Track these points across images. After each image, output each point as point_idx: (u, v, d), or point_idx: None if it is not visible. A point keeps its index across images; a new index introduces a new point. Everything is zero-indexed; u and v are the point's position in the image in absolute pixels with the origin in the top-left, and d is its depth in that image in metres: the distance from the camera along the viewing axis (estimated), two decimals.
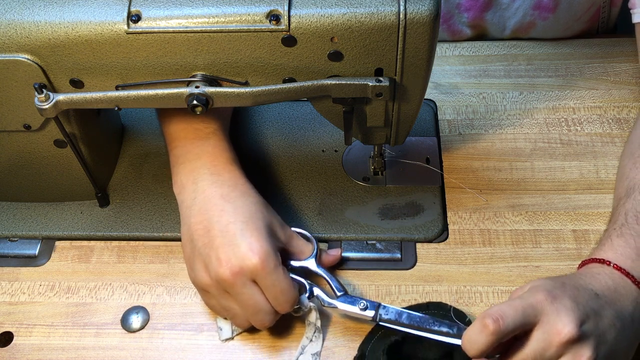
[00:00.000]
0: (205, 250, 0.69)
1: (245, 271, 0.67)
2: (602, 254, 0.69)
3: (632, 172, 0.77)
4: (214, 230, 0.70)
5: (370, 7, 0.63)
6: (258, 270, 0.67)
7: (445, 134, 0.92)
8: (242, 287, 0.68)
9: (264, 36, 0.65)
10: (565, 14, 0.99)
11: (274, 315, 0.70)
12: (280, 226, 0.74)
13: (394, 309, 0.71)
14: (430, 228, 0.82)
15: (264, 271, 0.67)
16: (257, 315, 0.70)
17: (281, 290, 0.68)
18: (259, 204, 0.73)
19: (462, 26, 1.03)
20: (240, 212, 0.70)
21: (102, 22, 0.65)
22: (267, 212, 0.73)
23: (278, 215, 0.75)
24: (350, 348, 0.72)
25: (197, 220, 0.71)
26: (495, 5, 1.00)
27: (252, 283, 0.68)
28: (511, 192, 0.85)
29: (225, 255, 0.68)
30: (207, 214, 0.71)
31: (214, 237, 0.69)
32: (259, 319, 0.70)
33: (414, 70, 0.67)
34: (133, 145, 0.92)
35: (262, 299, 0.69)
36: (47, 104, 0.68)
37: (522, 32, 1.03)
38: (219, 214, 0.70)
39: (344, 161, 0.89)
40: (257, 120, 0.94)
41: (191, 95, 0.67)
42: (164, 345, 0.74)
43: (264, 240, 0.68)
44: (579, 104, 0.94)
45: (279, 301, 0.69)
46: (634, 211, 0.72)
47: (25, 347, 0.74)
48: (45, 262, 0.81)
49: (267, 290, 0.68)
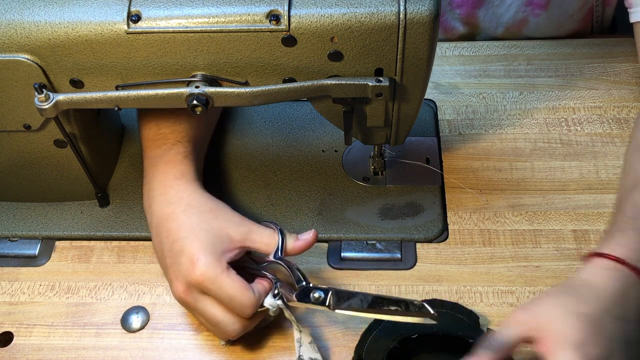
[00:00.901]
0: (165, 271, 0.72)
1: (191, 285, 0.67)
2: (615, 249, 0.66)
3: (639, 164, 0.76)
4: (164, 251, 0.71)
5: (370, 7, 0.63)
6: (200, 281, 0.66)
7: (445, 134, 0.92)
8: (195, 302, 0.68)
9: (264, 36, 0.65)
10: (557, 11, 0.99)
11: (239, 323, 0.68)
12: (234, 226, 0.71)
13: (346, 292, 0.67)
14: (430, 228, 0.82)
15: (207, 281, 0.66)
16: (217, 327, 0.69)
17: (230, 296, 0.66)
18: (205, 212, 0.71)
19: (454, 22, 1.03)
20: (182, 228, 0.70)
21: (102, 22, 0.65)
22: (214, 217, 0.71)
23: (236, 213, 0.72)
24: (350, 348, 0.72)
25: (155, 242, 0.74)
26: (487, 2, 1.00)
27: (204, 296, 0.68)
28: (511, 192, 0.85)
29: (174, 274, 0.69)
30: (158, 236, 0.72)
31: (165, 258, 0.71)
32: (221, 330, 0.69)
33: (414, 70, 0.67)
34: (133, 145, 0.92)
35: (218, 311, 0.68)
36: (47, 104, 0.68)
37: (514, 30, 1.03)
38: (166, 234, 0.71)
39: (344, 161, 0.89)
40: (257, 120, 0.94)
41: (191, 95, 0.67)
42: (164, 345, 0.74)
43: (203, 250, 0.67)
44: (579, 104, 0.94)
45: (234, 306, 0.67)
46: None
47: (25, 347, 0.74)
48: (45, 262, 0.81)
49: (219, 299, 0.67)
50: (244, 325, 0.69)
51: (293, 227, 0.82)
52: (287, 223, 0.82)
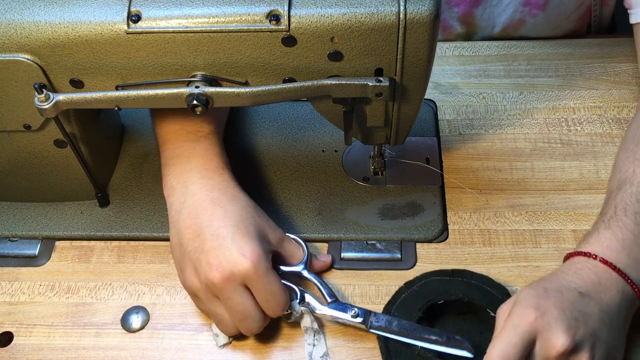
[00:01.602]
0: (195, 255, 0.69)
1: (236, 276, 0.67)
2: (588, 247, 0.69)
3: (624, 165, 0.77)
4: (204, 234, 0.69)
5: (370, 7, 0.63)
6: (250, 274, 0.67)
7: (445, 134, 0.92)
8: (232, 291, 0.67)
9: (264, 36, 0.65)
10: (554, 11, 0.99)
11: (263, 321, 0.70)
12: (271, 229, 0.73)
13: (384, 316, 0.71)
14: (430, 228, 0.82)
15: (256, 275, 0.67)
16: (245, 321, 0.69)
17: (272, 293, 0.68)
18: (250, 207, 0.73)
19: (452, 21, 1.03)
20: (230, 216, 0.70)
21: (102, 22, 0.65)
22: (258, 215, 0.73)
23: (270, 218, 0.75)
24: (350, 348, 0.72)
25: (187, 224, 0.71)
26: (485, 1, 1.00)
27: (242, 288, 0.68)
28: (511, 192, 0.85)
29: (216, 259, 0.67)
30: (197, 218, 0.71)
31: (204, 241, 0.69)
32: (247, 325, 0.69)
33: (414, 70, 0.67)
34: (133, 145, 0.92)
35: (252, 305, 0.68)
36: (47, 104, 0.68)
37: (512, 30, 1.03)
38: (209, 218, 0.70)
39: (344, 161, 0.89)
40: (257, 120, 0.94)
41: (191, 95, 0.67)
42: (164, 345, 0.74)
43: (255, 243, 0.68)
44: (579, 104, 0.94)
45: (270, 304, 0.68)
46: (623, 204, 0.72)
47: (25, 347, 0.74)
48: (45, 262, 0.81)
49: (259, 294, 0.68)
50: (264, 325, 0.70)
51: (293, 227, 0.82)
52: (287, 223, 0.82)
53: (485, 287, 0.74)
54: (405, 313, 0.72)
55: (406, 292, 0.74)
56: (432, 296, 0.73)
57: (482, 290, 0.73)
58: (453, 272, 0.75)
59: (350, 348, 0.72)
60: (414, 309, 0.72)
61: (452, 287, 0.74)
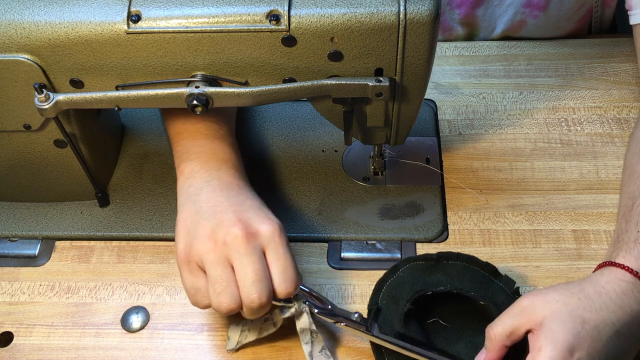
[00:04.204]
0: (218, 216, 0.67)
1: (261, 235, 0.66)
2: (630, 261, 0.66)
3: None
4: (229, 201, 0.69)
5: (370, 7, 0.63)
6: (275, 237, 0.66)
7: (445, 134, 0.92)
8: (251, 250, 0.65)
9: (264, 36, 0.65)
10: (555, 12, 0.99)
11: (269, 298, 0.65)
12: None
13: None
14: (430, 228, 0.82)
15: (280, 239, 0.66)
16: (254, 286, 0.64)
17: (289, 266, 0.66)
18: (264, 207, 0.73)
19: (453, 23, 1.03)
20: (257, 199, 0.72)
21: (102, 22, 0.65)
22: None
23: None
24: (349, 348, 0.72)
25: (210, 197, 0.70)
26: (486, 2, 1.00)
27: (261, 251, 0.66)
28: (511, 192, 0.85)
29: (242, 217, 0.67)
30: (222, 192, 0.70)
31: (231, 205, 0.68)
32: (254, 290, 0.64)
33: (414, 70, 0.67)
34: (133, 145, 0.92)
35: (265, 270, 0.65)
36: (47, 104, 0.68)
37: (512, 31, 1.03)
38: (235, 193, 0.71)
39: (344, 161, 0.89)
40: (257, 120, 0.94)
41: (191, 95, 0.67)
42: (164, 345, 0.74)
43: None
44: (579, 104, 0.94)
45: (285, 276, 0.66)
46: None
47: (25, 347, 0.74)
48: (45, 262, 0.81)
49: (276, 263, 0.66)
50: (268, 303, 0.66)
51: (293, 227, 0.82)
52: (287, 223, 0.82)
53: (472, 267, 0.74)
54: (393, 304, 0.72)
55: (392, 277, 0.74)
56: (419, 283, 0.72)
57: (469, 269, 0.73)
58: (439, 256, 0.74)
59: (350, 348, 0.72)
60: (401, 300, 0.72)
61: (439, 271, 0.73)
